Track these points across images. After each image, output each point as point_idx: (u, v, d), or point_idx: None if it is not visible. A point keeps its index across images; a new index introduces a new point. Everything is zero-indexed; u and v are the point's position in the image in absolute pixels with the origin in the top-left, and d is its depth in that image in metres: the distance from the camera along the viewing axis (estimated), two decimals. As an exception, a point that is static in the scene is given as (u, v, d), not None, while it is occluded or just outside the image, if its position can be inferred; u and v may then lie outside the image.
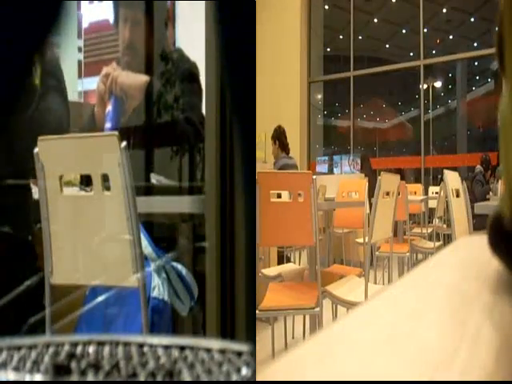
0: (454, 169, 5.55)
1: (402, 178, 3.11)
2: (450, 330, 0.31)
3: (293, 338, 3.06)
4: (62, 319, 1.63)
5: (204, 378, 0.55)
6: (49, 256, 1.64)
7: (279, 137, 4.59)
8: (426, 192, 6.03)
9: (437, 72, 12.00)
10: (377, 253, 3.62)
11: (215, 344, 0.64)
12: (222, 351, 0.63)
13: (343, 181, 3.99)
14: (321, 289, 2.07)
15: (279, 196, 3.06)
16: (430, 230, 4.90)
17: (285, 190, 2.64)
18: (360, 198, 3.36)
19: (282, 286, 2.43)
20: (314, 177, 2.01)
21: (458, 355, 0.25)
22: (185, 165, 2.20)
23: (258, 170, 2.20)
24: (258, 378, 0.22)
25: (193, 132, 2.15)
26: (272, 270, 2.83)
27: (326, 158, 8.82)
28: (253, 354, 0.63)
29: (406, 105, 13.33)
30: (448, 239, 4.40)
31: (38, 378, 0.53)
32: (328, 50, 10.86)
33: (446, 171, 2.25)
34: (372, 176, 5.59)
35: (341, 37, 10.82)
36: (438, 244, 4.14)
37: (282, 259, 3.69)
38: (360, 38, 10.62)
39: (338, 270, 2.96)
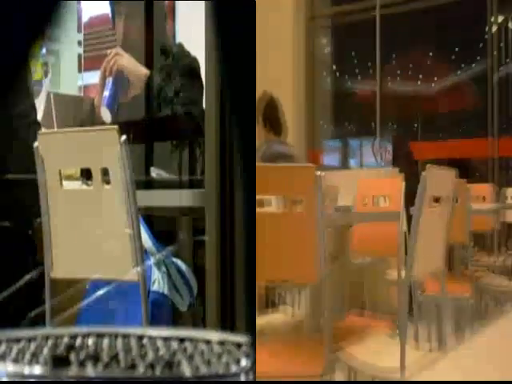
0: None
1: (462, 175, 2.15)
2: None
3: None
4: (62, 313, 1.64)
5: (203, 369, 0.56)
6: (49, 250, 1.65)
7: (266, 110, 2.93)
8: (499, 197, 4.14)
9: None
10: (419, 296, 2.18)
11: (214, 335, 0.65)
12: (222, 343, 0.63)
13: (365, 179, 2.82)
14: (330, 354, 1.41)
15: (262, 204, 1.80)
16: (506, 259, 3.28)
17: (274, 194, 1.64)
18: (392, 206, 2.35)
19: (266, 351, 1.45)
20: (320, 173, 1.39)
21: None
22: (185, 159, 2.22)
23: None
24: None
25: (193, 126, 2.17)
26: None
27: (338, 142, 6.16)
28: (252, 345, 0.63)
29: (465, 57, 8.48)
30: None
31: (36, 369, 0.54)
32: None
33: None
34: (412, 171, 3.87)
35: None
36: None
37: (267, 303, 2.36)
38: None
39: (357, 321, 2.03)
